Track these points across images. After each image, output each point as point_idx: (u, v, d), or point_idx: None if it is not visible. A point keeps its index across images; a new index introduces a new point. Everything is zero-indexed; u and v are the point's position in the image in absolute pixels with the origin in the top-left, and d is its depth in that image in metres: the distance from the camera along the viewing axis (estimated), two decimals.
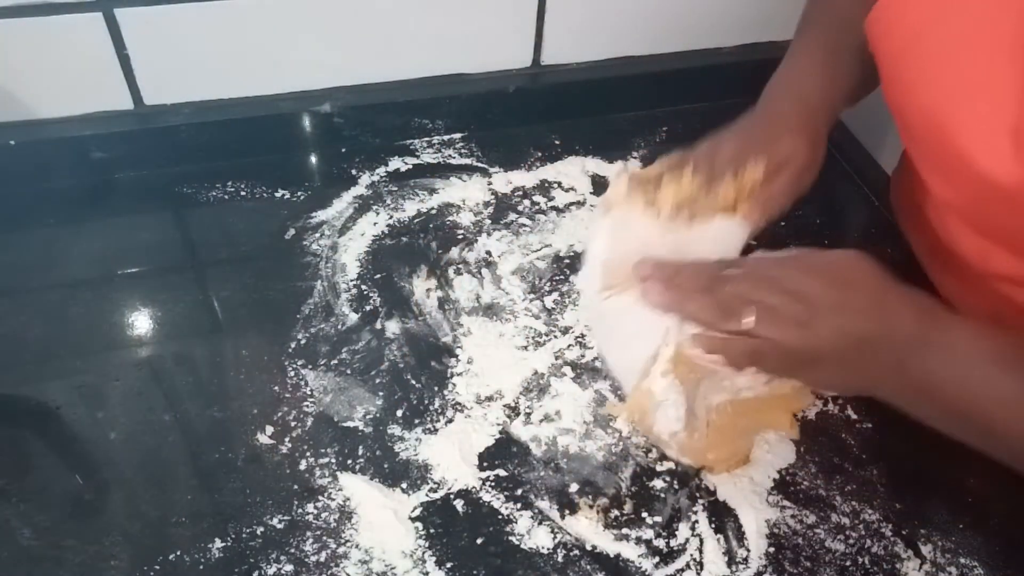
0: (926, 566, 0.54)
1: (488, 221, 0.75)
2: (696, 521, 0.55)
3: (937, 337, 0.47)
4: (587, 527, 0.54)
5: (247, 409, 0.59)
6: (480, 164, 0.81)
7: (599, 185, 0.80)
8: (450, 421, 0.60)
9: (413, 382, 0.62)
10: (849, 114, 0.84)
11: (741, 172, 0.57)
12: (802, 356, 0.48)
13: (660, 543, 0.54)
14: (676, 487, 0.57)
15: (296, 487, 0.55)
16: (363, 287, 0.69)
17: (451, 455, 0.58)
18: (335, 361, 0.63)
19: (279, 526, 0.54)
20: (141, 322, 0.66)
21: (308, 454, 0.57)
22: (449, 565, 0.52)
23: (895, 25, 0.55)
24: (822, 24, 0.64)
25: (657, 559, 0.53)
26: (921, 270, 0.69)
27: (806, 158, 0.59)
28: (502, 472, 0.57)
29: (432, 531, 0.54)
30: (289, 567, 0.52)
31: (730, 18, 0.89)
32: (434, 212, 0.76)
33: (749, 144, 0.58)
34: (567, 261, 0.72)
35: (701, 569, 0.53)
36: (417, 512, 0.55)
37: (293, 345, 0.64)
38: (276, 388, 0.61)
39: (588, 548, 0.53)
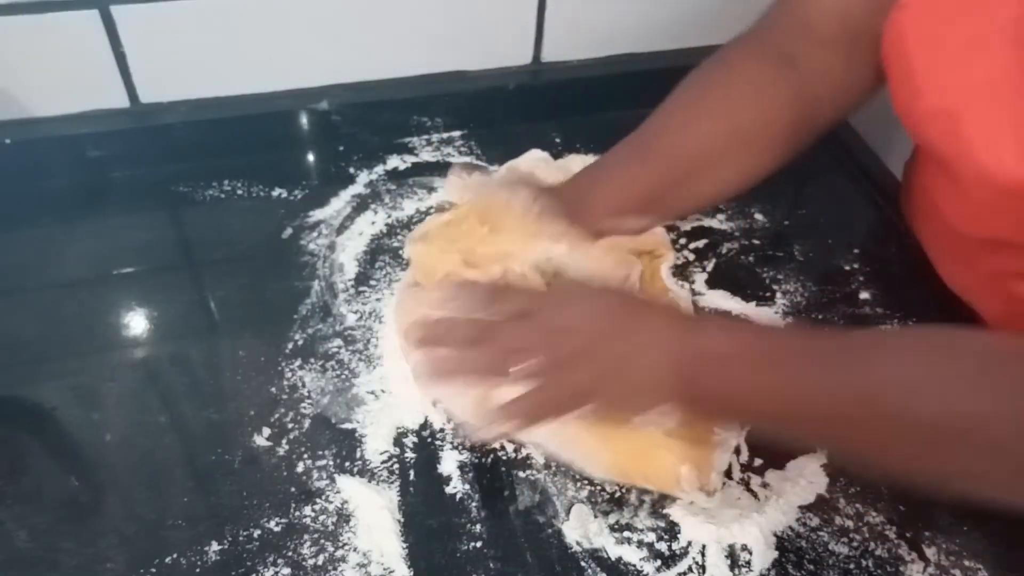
0: (930, 569, 0.53)
1: None
2: (699, 523, 0.54)
3: (692, 352, 0.49)
4: (588, 530, 0.54)
5: (244, 410, 0.59)
6: (480, 162, 0.81)
7: None
8: (449, 421, 0.59)
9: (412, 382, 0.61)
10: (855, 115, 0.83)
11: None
12: (580, 391, 0.50)
13: (662, 546, 0.53)
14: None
15: (293, 489, 0.55)
16: (361, 287, 0.68)
17: (451, 456, 0.57)
18: (333, 362, 0.62)
19: (276, 529, 0.53)
20: (137, 322, 0.65)
21: (306, 456, 0.57)
22: (448, 569, 0.52)
23: (907, 28, 0.55)
24: (638, 139, 0.64)
25: (659, 562, 0.53)
26: (928, 270, 0.68)
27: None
28: (502, 474, 0.57)
29: (431, 534, 0.53)
30: (287, 570, 0.51)
31: (731, 15, 0.87)
32: (433, 211, 0.75)
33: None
34: None
35: (703, 572, 0.52)
36: (416, 515, 0.54)
37: (290, 346, 0.63)
38: (273, 389, 0.60)
39: (589, 551, 0.53)
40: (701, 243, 0.73)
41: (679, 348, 0.49)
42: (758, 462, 0.58)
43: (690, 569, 0.52)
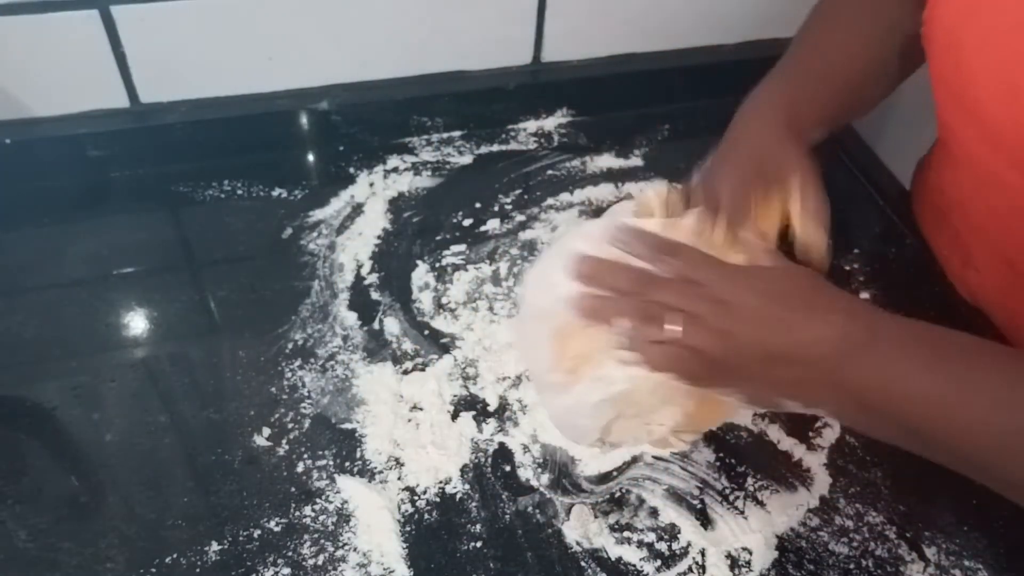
0: (930, 569, 0.53)
1: (487, 220, 0.75)
2: (700, 524, 0.54)
3: (864, 345, 0.45)
4: (588, 530, 0.54)
5: (244, 411, 0.59)
6: (480, 162, 0.81)
7: None
8: (451, 421, 0.59)
9: (412, 382, 0.61)
10: None
11: (755, 211, 0.55)
12: (720, 367, 0.47)
13: (662, 546, 0.53)
14: (678, 489, 0.56)
15: (293, 489, 0.55)
16: (361, 287, 0.68)
17: (451, 456, 0.57)
18: (333, 362, 0.62)
19: (276, 529, 0.53)
20: (137, 322, 0.65)
21: (306, 456, 0.57)
22: (448, 569, 0.52)
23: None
24: (796, 60, 0.64)
25: (659, 562, 0.53)
26: (929, 270, 0.69)
27: (803, 166, 0.57)
28: (502, 474, 0.57)
29: (431, 534, 0.53)
30: (287, 570, 0.51)
31: (731, 15, 0.88)
32: (433, 211, 0.75)
33: (747, 175, 0.56)
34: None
35: (703, 572, 0.52)
36: (416, 515, 0.54)
37: (290, 346, 0.63)
38: (273, 389, 0.60)
39: (589, 551, 0.53)
40: None
41: (851, 351, 0.45)
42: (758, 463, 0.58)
43: (690, 569, 0.52)
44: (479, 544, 0.53)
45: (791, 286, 0.48)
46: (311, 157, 0.82)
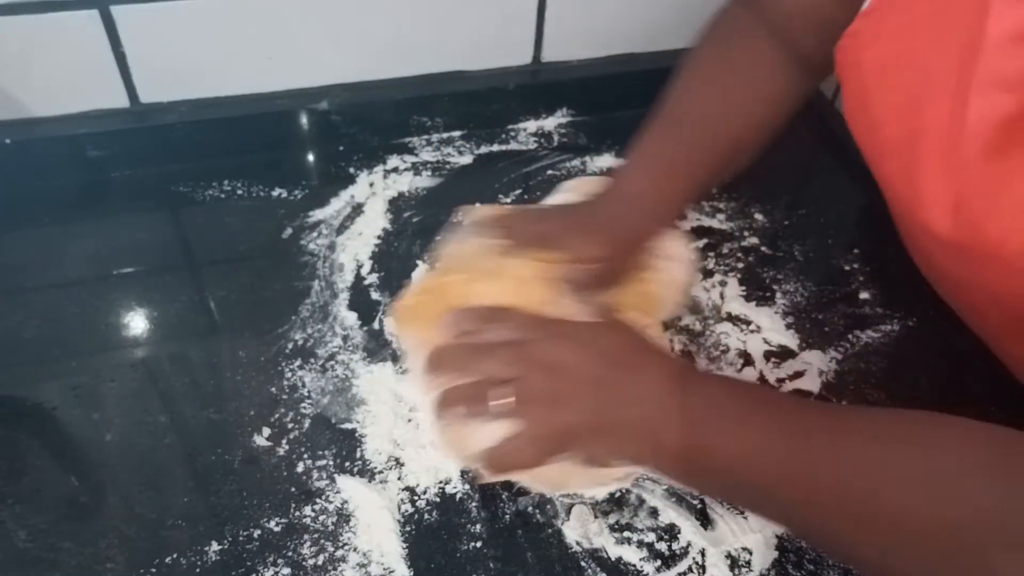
0: None
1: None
2: (700, 524, 0.54)
3: (678, 403, 0.47)
4: (588, 530, 0.54)
5: (244, 411, 0.59)
6: (480, 162, 0.81)
7: None
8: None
9: (412, 382, 0.61)
10: None
11: (543, 255, 0.57)
12: (561, 436, 0.48)
13: (662, 546, 0.53)
14: (678, 490, 0.56)
15: (293, 490, 0.55)
16: (361, 287, 0.68)
17: (451, 456, 0.57)
18: (333, 362, 0.62)
19: (276, 529, 0.53)
20: (137, 322, 0.65)
21: (306, 456, 0.57)
22: (448, 569, 0.52)
23: (862, 55, 0.53)
24: (672, 122, 0.63)
25: (659, 562, 0.53)
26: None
27: (610, 266, 0.58)
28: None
29: (431, 534, 0.53)
30: (287, 570, 0.51)
31: None
32: (433, 211, 0.75)
33: (565, 232, 0.58)
34: None
35: (703, 572, 0.52)
36: (416, 515, 0.54)
37: (290, 346, 0.63)
38: (273, 389, 0.60)
39: (589, 551, 0.53)
40: (701, 243, 0.73)
41: (668, 407, 0.47)
42: None
43: (690, 569, 0.52)
44: (479, 544, 0.53)
45: (612, 344, 0.50)
46: (311, 157, 0.82)
